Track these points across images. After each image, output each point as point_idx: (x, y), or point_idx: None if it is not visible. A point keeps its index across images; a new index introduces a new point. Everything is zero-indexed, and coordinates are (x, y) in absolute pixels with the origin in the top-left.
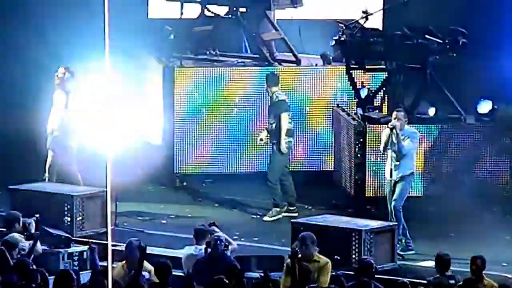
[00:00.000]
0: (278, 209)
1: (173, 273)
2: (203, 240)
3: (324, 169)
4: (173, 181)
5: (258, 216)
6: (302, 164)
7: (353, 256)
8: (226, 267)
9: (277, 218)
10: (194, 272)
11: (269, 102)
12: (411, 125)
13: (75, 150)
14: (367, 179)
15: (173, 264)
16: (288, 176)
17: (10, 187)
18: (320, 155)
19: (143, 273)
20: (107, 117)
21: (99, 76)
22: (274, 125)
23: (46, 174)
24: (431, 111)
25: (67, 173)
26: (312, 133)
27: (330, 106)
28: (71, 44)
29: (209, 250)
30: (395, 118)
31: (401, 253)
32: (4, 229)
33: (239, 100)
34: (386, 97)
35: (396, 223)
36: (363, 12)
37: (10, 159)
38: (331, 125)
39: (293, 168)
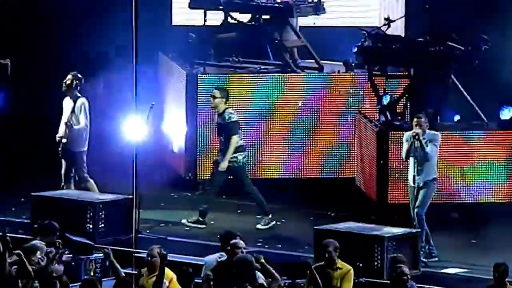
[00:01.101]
0: (269, 216)
1: (196, 280)
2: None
3: (346, 176)
4: (196, 188)
5: (284, 221)
6: (324, 170)
7: (376, 263)
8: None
9: (271, 225)
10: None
11: (218, 117)
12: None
13: (84, 157)
14: (389, 185)
15: (196, 271)
16: (218, 188)
17: (33, 194)
18: (342, 161)
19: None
20: (132, 123)
21: (124, 82)
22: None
23: (63, 183)
24: (457, 118)
25: (79, 179)
26: (334, 140)
27: (352, 112)
28: (100, 50)
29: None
30: (416, 125)
31: (425, 260)
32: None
33: (262, 107)
34: (408, 104)
35: (419, 229)
36: (385, 19)
37: (33, 166)
38: (353, 131)
39: (315, 175)
